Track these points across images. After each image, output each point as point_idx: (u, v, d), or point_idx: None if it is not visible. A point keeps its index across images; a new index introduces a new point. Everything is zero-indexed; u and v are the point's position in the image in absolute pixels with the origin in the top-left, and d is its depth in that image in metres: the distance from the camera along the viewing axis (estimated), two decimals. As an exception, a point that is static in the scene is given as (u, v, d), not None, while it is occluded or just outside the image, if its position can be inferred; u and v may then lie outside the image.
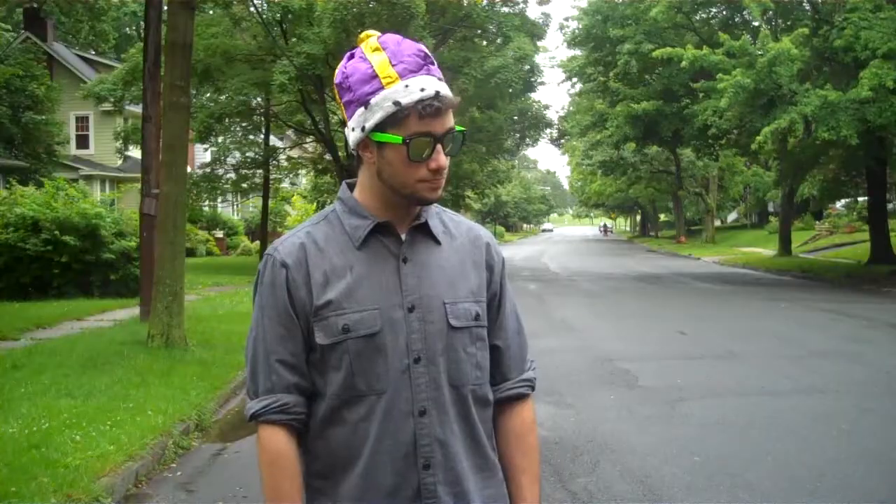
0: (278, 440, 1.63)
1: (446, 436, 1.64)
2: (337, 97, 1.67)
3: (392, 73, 1.58)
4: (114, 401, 6.58)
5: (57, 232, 14.45)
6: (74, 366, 7.98)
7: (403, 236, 1.68)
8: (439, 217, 1.75)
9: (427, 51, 1.64)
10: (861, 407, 7.13)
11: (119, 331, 10.53)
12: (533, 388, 1.84)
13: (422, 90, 1.56)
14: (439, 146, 1.60)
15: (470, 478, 1.67)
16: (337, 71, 1.66)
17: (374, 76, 1.59)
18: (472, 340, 1.69)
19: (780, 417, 6.75)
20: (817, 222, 41.13)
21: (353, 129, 1.62)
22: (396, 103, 1.56)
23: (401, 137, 1.58)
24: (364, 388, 1.62)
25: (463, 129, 1.64)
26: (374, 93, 1.58)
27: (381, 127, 1.59)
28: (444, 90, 1.59)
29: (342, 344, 1.61)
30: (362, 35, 1.66)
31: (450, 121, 1.61)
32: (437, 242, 1.71)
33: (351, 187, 1.74)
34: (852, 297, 17.43)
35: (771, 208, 49.85)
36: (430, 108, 1.57)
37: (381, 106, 1.58)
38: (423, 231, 1.70)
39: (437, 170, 1.60)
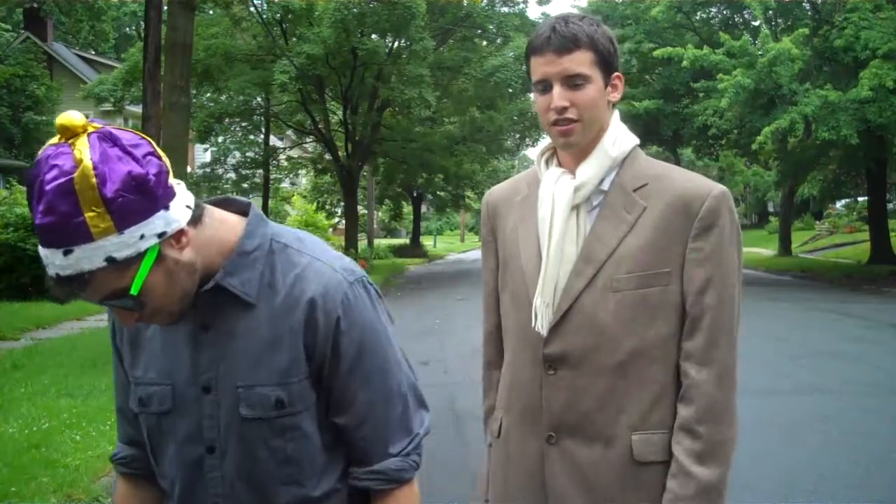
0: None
1: None
2: None
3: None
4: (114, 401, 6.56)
5: (57, 232, 14.45)
6: (74, 366, 7.98)
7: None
8: (270, 263, 1.37)
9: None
10: (861, 407, 7.13)
11: (119, 331, 10.52)
12: (391, 482, 1.42)
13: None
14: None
15: None
16: None
17: None
18: (275, 432, 1.36)
19: (780, 417, 6.74)
20: (817, 222, 41.14)
21: None
22: None
23: None
24: (160, 471, 1.47)
25: (134, 294, 1.22)
26: None
27: None
28: (69, 269, 1.17)
29: (141, 416, 1.46)
30: None
31: (104, 286, 1.21)
32: (248, 304, 1.35)
33: None
34: (852, 297, 17.42)
35: (771, 208, 49.88)
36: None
37: None
38: (225, 292, 1.34)
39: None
